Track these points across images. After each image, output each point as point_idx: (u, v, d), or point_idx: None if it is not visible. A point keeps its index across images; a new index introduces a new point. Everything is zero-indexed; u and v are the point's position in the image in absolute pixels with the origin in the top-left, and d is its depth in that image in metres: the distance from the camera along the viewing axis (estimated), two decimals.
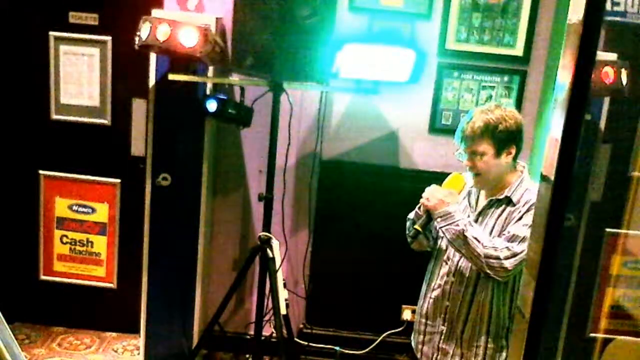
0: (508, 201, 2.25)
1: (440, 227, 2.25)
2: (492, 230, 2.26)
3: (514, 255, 2.14)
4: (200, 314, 3.51)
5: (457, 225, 2.20)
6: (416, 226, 2.32)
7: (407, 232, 2.43)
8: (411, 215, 2.43)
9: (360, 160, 3.53)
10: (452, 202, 2.25)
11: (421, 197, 2.32)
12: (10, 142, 3.64)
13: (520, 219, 2.20)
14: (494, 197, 2.29)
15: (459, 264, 2.32)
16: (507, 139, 2.19)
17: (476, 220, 2.31)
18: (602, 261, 3.25)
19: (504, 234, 2.20)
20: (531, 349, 1.05)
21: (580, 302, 3.25)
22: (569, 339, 3.22)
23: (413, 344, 2.54)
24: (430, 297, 2.42)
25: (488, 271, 2.18)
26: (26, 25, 3.50)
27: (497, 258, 2.15)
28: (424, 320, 2.46)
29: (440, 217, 2.24)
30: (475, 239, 2.18)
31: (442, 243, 2.39)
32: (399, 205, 3.39)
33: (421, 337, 2.47)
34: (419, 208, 2.36)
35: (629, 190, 2.87)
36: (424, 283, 2.50)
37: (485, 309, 2.30)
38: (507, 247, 2.16)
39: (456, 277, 2.34)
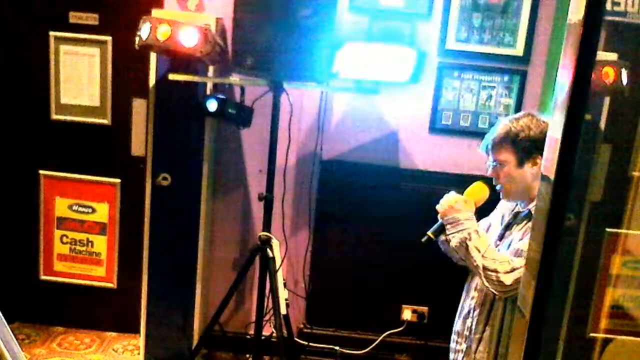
0: (531, 216, 2.12)
1: (448, 234, 2.17)
2: (509, 246, 2.15)
3: (513, 269, 2.03)
4: (200, 314, 3.51)
5: (462, 232, 2.13)
6: (428, 232, 2.23)
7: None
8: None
9: (360, 160, 3.52)
10: (463, 210, 2.16)
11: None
12: (10, 142, 3.64)
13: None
14: (520, 211, 2.20)
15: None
16: (530, 147, 2.08)
17: (503, 235, 2.22)
18: (602, 261, 3.25)
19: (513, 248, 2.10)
20: (531, 349, 1.05)
21: (580, 302, 3.25)
22: (569, 339, 3.22)
23: None
24: (461, 314, 2.35)
25: (487, 284, 2.09)
26: (26, 25, 3.50)
27: (495, 271, 2.05)
28: (455, 338, 2.38)
29: (449, 223, 2.17)
30: (476, 248, 2.10)
31: None
32: (399, 205, 3.42)
33: (452, 355, 2.39)
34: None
35: (629, 190, 2.87)
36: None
37: (495, 329, 2.20)
38: (508, 261, 2.05)
39: (478, 293, 2.26)
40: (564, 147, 0.98)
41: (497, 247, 2.21)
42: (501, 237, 2.24)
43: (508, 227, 2.23)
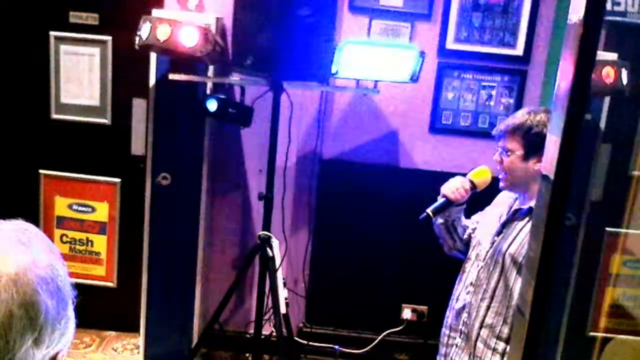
0: (532, 212, 2.09)
1: None
2: (511, 243, 2.14)
3: None
4: (200, 313, 3.51)
5: None
6: (428, 210, 2.23)
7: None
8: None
9: (360, 160, 3.53)
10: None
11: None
12: (10, 141, 3.64)
13: None
14: (519, 208, 2.19)
15: (479, 274, 2.22)
16: (538, 144, 2.04)
17: (500, 232, 2.21)
18: (602, 261, 3.25)
19: None
20: (531, 349, 1.05)
21: (580, 302, 3.25)
22: (569, 339, 3.22)
23: (438, 357, 2.43)
24: (454, 308, 2.33)
25: None
26: (26, 25, 3.49)
27: None
28: (447, 332, 2.36)
29: None
30: None
31: (472, 253, 2.29)
32: (399, 205, 3.42)
33: (444, 349, 2.37)
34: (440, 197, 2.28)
35: (629, 190, 2.88)
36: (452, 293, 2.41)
37: (498, 327, 2.18)
38: None
39: (475, 287, 2.24)
40: (564, 147, 0.98)
41: (493, 242, 2.20)
42: (499, 234, 2.22)
43: (506, 224, 2.21)
